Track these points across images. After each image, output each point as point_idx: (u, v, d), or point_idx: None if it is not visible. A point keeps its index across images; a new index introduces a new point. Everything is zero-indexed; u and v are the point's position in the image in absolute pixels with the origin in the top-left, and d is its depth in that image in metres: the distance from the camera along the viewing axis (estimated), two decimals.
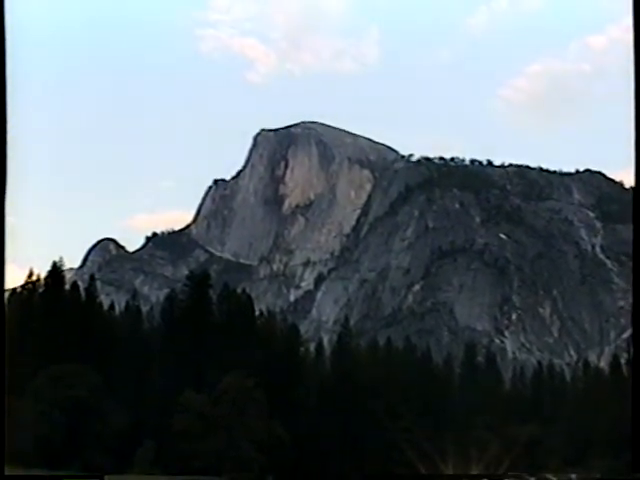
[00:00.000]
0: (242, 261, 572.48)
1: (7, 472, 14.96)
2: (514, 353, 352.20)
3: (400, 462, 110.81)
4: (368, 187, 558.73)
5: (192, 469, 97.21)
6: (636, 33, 12.12)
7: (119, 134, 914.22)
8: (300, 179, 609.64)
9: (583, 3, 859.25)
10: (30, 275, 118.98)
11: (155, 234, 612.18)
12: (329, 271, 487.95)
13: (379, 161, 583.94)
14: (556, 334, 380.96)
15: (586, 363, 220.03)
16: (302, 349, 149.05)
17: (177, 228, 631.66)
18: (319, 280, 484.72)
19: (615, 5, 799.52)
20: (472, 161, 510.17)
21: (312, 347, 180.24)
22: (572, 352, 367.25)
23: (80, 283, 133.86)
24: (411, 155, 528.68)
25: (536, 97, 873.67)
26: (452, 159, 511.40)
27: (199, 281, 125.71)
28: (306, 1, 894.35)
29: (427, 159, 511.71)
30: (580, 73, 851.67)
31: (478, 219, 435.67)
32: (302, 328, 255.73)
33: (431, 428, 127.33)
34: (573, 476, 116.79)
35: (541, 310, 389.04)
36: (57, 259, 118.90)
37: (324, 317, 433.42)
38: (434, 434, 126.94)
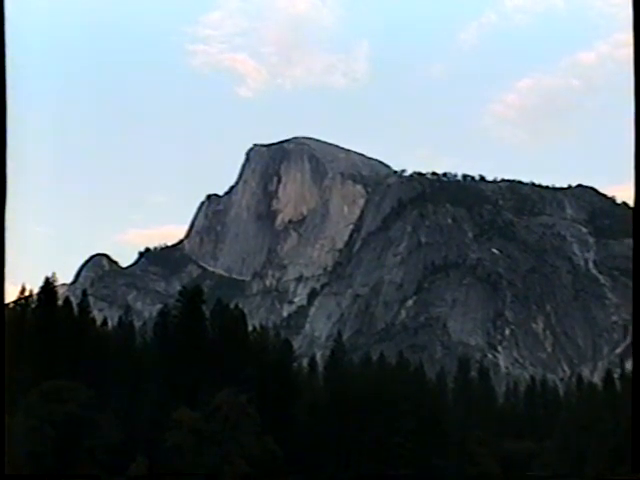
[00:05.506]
0: (235, 276, 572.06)
1: None
2: (507, 368, 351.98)
3: (394, 477, 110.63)
4: (361, 202, 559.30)
5: None
6: (636, 47, 12.27)
7: (111, 149, 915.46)
8: (293, 194, 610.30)
9: (573, 19, 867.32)
10: (23, 291, 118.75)
11: (148, 249, 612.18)
12: (322, 286, 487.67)
13: (372, 176, 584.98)
14: (549, 349, 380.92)
15: (579, 378, 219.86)
16: (295, 364, 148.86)
17: (170, 243, 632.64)
18: (312, 295, 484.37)
19: (604, 22, 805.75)
20: (464, 176, 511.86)
21: (305, 362, 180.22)
22: (565, 367, 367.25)
23: (73, 299, 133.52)
24: (404, 170, 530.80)
25: (526, 112, 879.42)
26: (444, 174, 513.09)
27: (192, 296, 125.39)
28: (296, 16, 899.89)
29: (420, 174, 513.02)
30: (570, 88, 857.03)
31: (471, 234, 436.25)
32: (295, 343, 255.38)
33: (425, 443, 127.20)
34: None
35: (534, 325, 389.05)
36: (49, 274, 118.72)
37: (317, 332, 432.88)
38: (428, 449, 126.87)
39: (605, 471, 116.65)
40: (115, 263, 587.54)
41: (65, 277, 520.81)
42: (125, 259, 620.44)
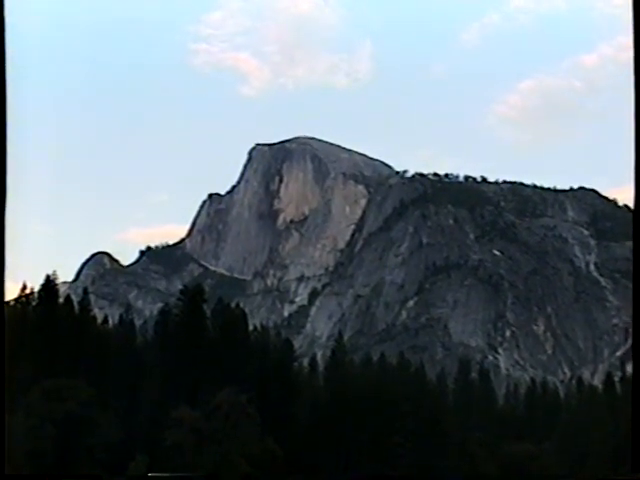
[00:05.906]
0: (236, 275, 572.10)
1: None
2: (508, 370, 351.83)
3: (394, 477, 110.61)
4: (363, 202, 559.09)
5: None
6: (636, 49, 12.23)
7: (113, 148, 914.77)
8: (295, 194, 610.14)
9: (575, 21, 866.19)
10: (24, 288, 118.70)
11: (149, 248, 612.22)
12: (323, 286, 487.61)
13: (374, 177, 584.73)
14: (550, 351, 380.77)
15: (580, 380, 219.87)
16: (296, 364, 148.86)
17: (171, 242, 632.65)
18: (313, 295, 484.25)
19: (607, 24, 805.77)
20: (466, 177, 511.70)
21: (306, 362, 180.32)
22: (566, 369, 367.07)
23: (74, 297, 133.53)
24: (405, 171, 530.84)
25: (528, 113, 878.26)
26: (446, 175, 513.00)
27: (193, 295, 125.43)
28: (299, 16, 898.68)
29: (421, 175, 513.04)
30: (572, 90, 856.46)
31: (472, 235, 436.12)
32: (296, 343, 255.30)
33: (425, 443, 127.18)
34: None
35: (535, 327, 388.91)
36: (51, 272, 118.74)
37: (318, 332, 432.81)
38: (428, 450, 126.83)
39: (605, 473, 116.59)
40: (116, 261, 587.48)
41: (66, 275, 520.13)
42: (126, 257, 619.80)
